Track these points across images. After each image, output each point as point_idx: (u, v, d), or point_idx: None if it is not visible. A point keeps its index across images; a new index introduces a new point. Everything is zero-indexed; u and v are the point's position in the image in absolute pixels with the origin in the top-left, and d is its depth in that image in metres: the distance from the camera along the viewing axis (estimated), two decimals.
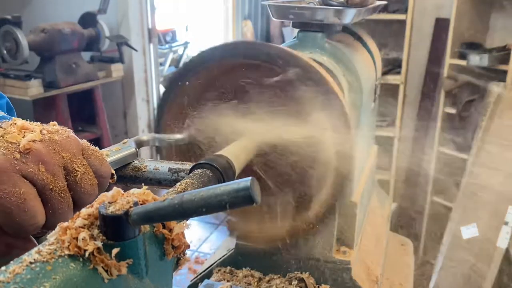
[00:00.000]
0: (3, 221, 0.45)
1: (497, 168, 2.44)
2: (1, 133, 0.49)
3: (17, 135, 0.49)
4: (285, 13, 0.87)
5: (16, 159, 0.46)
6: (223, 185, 0.37)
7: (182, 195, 0.38)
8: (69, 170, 0.50)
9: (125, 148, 0.64)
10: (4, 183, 0.45)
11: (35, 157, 0.47)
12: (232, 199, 0.36)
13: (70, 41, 3.11)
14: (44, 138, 0.50)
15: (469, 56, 2.69)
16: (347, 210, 0.93)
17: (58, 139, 0.51)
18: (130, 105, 3.92)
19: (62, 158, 0.50)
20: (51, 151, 0.49)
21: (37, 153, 0.48)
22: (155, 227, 0.45)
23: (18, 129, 0.50)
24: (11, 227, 0.46)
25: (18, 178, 0.46)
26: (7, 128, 0.50)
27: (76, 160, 0.51)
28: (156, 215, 0.39)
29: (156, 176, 0.63)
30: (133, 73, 3.80)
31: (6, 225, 0.46)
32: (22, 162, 0.47)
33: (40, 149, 0.48)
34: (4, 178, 0.45)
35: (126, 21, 3.66)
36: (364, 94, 0.89)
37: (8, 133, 0.49)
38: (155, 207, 0.39)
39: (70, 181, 0.50)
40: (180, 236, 0.47)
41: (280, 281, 0.93)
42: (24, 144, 0.47)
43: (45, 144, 0.49)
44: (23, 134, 0.49)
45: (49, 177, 0.48)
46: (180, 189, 0.52)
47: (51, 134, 0.51)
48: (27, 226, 0.45)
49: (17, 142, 0.48)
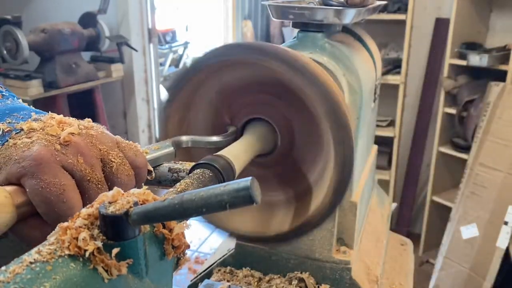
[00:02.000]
0: (43, 210, 0.47)
1: (497, 168, 2.44)
2: (41, 126, 0.51)
3: (57, 128, 0.50)
4: (285, 13, 0.87)
5: (57, 151, 0.48)
6: (223, 185, 0.37)
7: (182, 195, 0.38)
8: (106, 162, 0.52)
9: (164, 147, 0.65)
10: (45, 173, 0.46)
11: (74, 149, 0.49)
12: (232, 199, 0.36)
13: (70, 41, 3.11)
14: (82, 132, 0.52)
15: (469, 56, 2.69)
16: (347, 210, 0.93)
17: (94, 133, 0.52)
18: (130, 105, 3.93)
19: (99, 150, 0.52)
20: (89, 144, 0.51)
21: (76, 145, 0.49)
22: (155, 227, 0.45)
23: (57, 122, 0.52)
24: (50, 217, 0.47)
25: (59, 169, 0.47)
26: (47, 121, 0.52)
27: (112, 152, 0.52)
28: (156, 215, 0.39)
29: (156, 176, 0.62)
30: (133, 73, 3.80)
31: (45, 214, 0.47)
32: (62, 154, 0.48)
33: (79, 142, 0.50)
34: (45, 169, 0.46)
35: (126, 21, 3.67)
36: (364, 94, 0.89)
37: (48, 126, 0.51)
38: (155, 207, 0.39)
39: (107, 173, 0.52)
40: (180, 236, 0.47)
41: (280, 281, 0.93)
42: (64, 136, 0.49)
43: (83, 137, 0.51)
44: (62, 128, 0.51)
45: (87, 168, 0.49)
46: (180, 189, 0.52)
47: (87, 129, 0.53)
48: (65, 217, 0.45)
49: (57, 135, 0.49)
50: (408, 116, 3.36)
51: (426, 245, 3.24)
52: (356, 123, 0.89)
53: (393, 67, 3.15)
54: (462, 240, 2.52)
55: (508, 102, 2.49)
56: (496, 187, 2.42)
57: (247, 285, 0.93)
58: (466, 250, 2.50)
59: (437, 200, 3.08)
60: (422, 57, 3.25)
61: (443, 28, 3.09)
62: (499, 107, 2.51)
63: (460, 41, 2.85)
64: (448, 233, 2.65)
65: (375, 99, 1.09)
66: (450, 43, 2.81)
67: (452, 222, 2.63)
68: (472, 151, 2.61)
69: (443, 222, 2.83)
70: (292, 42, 0.92)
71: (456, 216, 2.60)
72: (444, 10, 3.13)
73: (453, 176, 3.15)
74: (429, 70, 3.25)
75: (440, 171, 3.10)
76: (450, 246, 2.60)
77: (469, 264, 2.47)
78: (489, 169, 2.47)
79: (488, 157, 2.50)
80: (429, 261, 3.19)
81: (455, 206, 2.66)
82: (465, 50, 2.78)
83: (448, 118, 2.99)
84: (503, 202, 2.37)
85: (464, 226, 2.52)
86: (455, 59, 2.83)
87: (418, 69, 3.29)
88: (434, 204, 3.12)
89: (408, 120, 3.37)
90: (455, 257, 2.56)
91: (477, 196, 2.50)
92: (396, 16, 2.94)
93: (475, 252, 2.45)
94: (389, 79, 3.08)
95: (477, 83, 2.86)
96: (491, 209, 2.41)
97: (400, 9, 2.98)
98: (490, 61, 2.60)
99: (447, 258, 2.61)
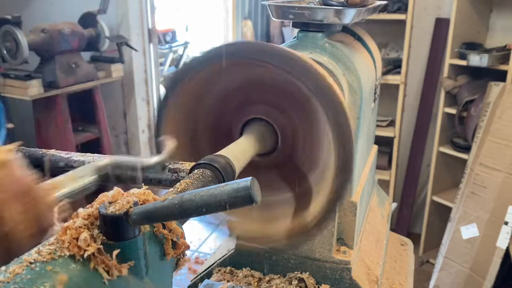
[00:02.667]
0: None
1: (497, 168, 2.44)
2: None
3: None
4: (285, 13, 0.87)
5: None
6: (222, 185, 0.37)
7: (182, 195, 0.38)
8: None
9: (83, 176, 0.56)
10: None
11: None
12: (232, 199, 0.36)
13: (70, 41, 3.11)
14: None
15: (469, 56, 2.69)
16: (347, 210, 0.93)
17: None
18: (130, 105, 3.92)
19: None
20: None
21: None
22: (155, 228, 0.45)
23: None
24: None
25: None
26: None
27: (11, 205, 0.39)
28: (156, 215, 0.39)
29: (156, 176, 0.62)
30: (133, 73, 3.80)
31: None
32: None
33: None
34: None
35: (126, 21, 3.66)
36: (364, 94, 0.89)
37: None
38: (155, 207, 0.39)
39: None
40: (179, 234, 0.47)
41: (280, 281, 0.93)
42: None
43: None
44: None
45: None
46: (180, 189, 0.52)
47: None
48: None
49: None
50: (408, 116, 3.36)
51: (426, 245, 3.24)
52: (356, 123, 0.89)
53: (393, 67, 3.15)
54: (462, 240, 2.52)
55: (508, 102, 2.49)
56: (496, 187, 2.42)
57: (247, 285, 0.93)
58: (466, 250, 2.50)
59: (437, 200, 3.08)
60: (422, 57, 3.25)
61: (443, 28, 3.09)
62: (499, 107, 2.51)
63: (460, 41, 2.85)
64: (448, 233, 2.65)
65: (375, 99, 1.09)
66: (450, 43, 2.81)
67: (452, 222, 2.63)
68: (472, 151, 2.61)
69: (443, 222, 2.83)
70: (292, 42, 0.92)
71: (456, 216, 2.60)
72: (444, 10, 3.13)
73: (453, 176, 3.15)
74: (429, 70, 3.25)
75: (440, 171, 3.10)
76: (450, 246, 2.60)
77: (469, 264, 2.47)
78: (489, 169, 2.47)
79: (488, 157, 2.50)
80: (429, 261, 3.19)
81: (455, 206, 2.66)
82: (465, 50, 2.78)
83: (448, 118, 2.99)
84: (503, 202, 2.37)
85: (464, 226, 2.52)
86: (455, 59, 2.83)
87: (418, 69, 3.29)
88: (434, 204, 3.12)
89: (408, 120, 3.37)
90: (455, 257, 2.56)
91: (477, 196, 2.50)
92: (396, 16, 2.94)
93: (475, 252, 2.45)
94: (389, 79, 3.08)
95: (477, 83, 2.86)
96: (491, 209, 2.41)
97: (400, 9, 2.98)
98: (490, 61, 2.60)
99: (447, 258, 2.61)
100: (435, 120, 3.10)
